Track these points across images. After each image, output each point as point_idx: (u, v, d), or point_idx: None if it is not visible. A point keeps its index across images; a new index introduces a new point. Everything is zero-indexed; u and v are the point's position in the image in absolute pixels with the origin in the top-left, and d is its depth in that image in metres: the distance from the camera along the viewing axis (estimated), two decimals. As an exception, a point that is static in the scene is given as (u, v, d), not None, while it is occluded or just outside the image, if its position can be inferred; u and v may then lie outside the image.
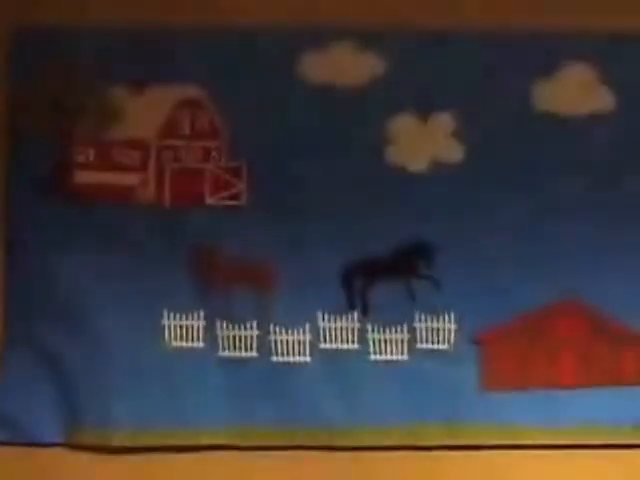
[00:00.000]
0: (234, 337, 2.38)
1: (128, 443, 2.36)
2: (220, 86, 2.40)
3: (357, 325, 2.40)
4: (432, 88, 2.42)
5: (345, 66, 2.41)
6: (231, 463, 2.38)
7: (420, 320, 2.39)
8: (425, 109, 2.42)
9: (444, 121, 2.42)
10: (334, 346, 2.39)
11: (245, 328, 2.38)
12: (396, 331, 2.39)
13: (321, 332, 2.39)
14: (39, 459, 2.37)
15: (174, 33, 2.40)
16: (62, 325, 2.36)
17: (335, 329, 2.39)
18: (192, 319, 2.38)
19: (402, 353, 2.39)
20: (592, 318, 2.41)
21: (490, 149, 2.41)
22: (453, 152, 2.42)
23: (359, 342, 2.39)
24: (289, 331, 2.38)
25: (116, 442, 2.36)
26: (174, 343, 2.38)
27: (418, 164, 2.42)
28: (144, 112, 2.40)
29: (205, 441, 2.36)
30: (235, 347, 2.38)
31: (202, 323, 2.38)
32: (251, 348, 2.38)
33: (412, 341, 2.40)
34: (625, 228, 2.40)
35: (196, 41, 2.40)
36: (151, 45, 2.40)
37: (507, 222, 2.39)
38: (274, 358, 2.38)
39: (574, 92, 2.41)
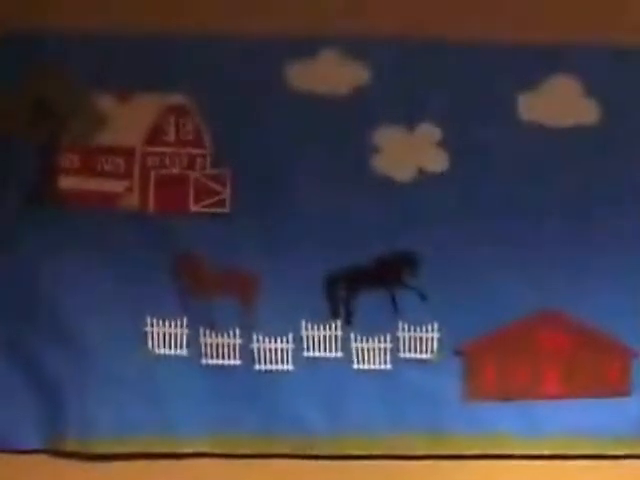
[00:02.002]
0: (217, 345, 2.38)
1: (111, 450, 2.35)
2: (206, 93, 2.39)
3: (340, 334, 2.39)
4: (418, 98, 2.42)
5: (331, 75, 2.41)
6: (214, 471, 2.37)
7: (403, 329, 2.39)
8: (411, 119, 2.42)
9: (430, 131, 2.43)
10: (317, 354, 2.39)
11: (228, 336, 2.38)
12: (379, 340, 2.39)
13: (304, 340, 2.39)
14: (20, 466, 2.35)
15: (161, 41, 2.39)
16: (45, 331, 2.35)
17: (318, 338, 2.39)
18: (175, 326, 2.38)
19: (385, 362, 2.39)
20: (576, 329, 2.41)
21: (475, 159, 2.41)
22: (439, 162, 2.43)
23: (342, 351, 2.39)
24: (272, 339, 2.38)
25: (98, 449, 2.35)
26: (157, 350, 2.38)
27: (404, 173, 2.43)
28: (130, 119, 2.40)
29: (188, 449, 2.36)
30: (218, 355, 2.38)
31: (185, 330, 2.38)
32: (234, 356, 2.38)
33: (395, 350, 2.39)
34: (609, 239, 2.40)
35: (183, 49, 2.39)
36: (138, 53, 2.39)
37: (492, 232, 2.40)
38: (257, 366, 2.38)
39: (559, 104, 2.42)
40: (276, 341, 2.38)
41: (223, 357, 2.38)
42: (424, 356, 2.40)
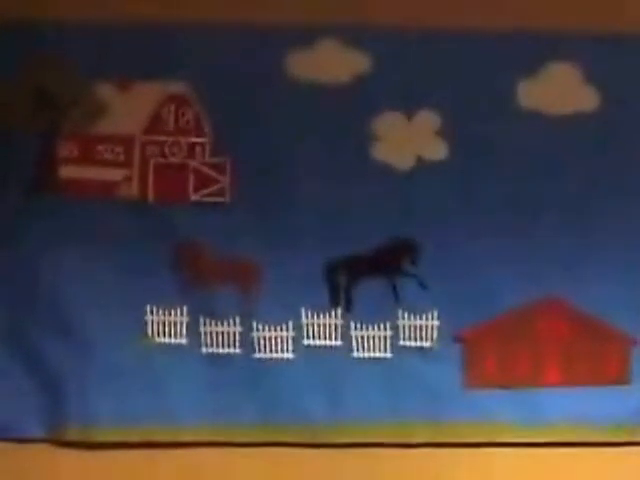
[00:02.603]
0: (217, 333, 2.38)
1: (111, 439, 2.35)
2: (205, 82, 2.39)
3: (340, 322, 2.40)
4: (417, 86, 2.42)
5: (331, 64, 2.41)
6: (214, 459, 2.38)
7: (403, 317, 2.40)
8: (410, 107, 2.42)
9: (429, 119, 2.43)
10: (317, 343, 2.39)
11: (228, 324, 2.38)
12: (379, 328, 2.39)
13: (304, 329, 2.39)
14: (22, 455, 2.36)
15: (161, 30, 2.39)
16: (46, 320, 2.35)
17: (318, 326, 2.39)
18: (175, 315, 2.38)
19: (385, 350, 2.39)
20: (575, 317, 2.41)
21: (475, 147, 2.41)
22: (438, 150, 2.43)
23: (342, 339, 2.40)
24: (272, 327, 2.38)
25: (99, 438, 2.35)
26: (157, 339, 2.38)
27: (403, 162, 2.43)
28: (130, 108, 2.40)
29: (188, 437, 2.36)
30: (218, 343, 2.38)
31: (185, 319, 2.38)
32: (234, 344, 2.38)
33: (395, 338, 2.40)
34: (608, 227, 2.41)
35: (183, 38, 2.39)
36: (138, 41, 2.39)
37: (491, 221, 2.40)
38: (257, 354, 2.38)
39: (558, 91, 2.42)
40: (276, 329, 2.38)
41: (223, 346, 2.38)
42: (424, 344, 2.40)
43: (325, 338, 2.40)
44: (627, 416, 2.39)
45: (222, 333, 2.38)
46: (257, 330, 2.38)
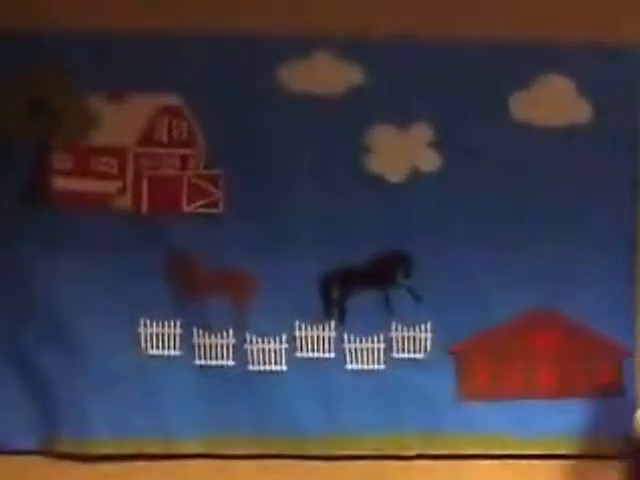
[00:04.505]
0: (211, 345, 2.38)
1: (104, 451, 2.35)
2: (199, 94, 2.39)
3: (334, 334, 2.40)
4: (411, 98, 2.42)
5: (325, 75, 2.41)
6: (207, 471, 2.38)
7: (397, 329, 2.40)
8: (404, 119, 2.43)
9: (423, 131, 2.43)
10: (311, 355, 2.40)
11: (222, 337, 2.38)
12: (372, 340, 2.40)
13: (298, 341, 2.39)
14: (14, 466, 2.35)
15: (155, 41, 2.39)
16: (39, 332, 2.35)
17: (312, 338, 2.39)
18: (169, 327, 2.38)
19: (378, 362, 2.40)
20: (568, 329, 2.41)
21: (468, 159, 2.41)
22: (431, 162, 2.43)
23: (336, 351, 2.40)
24: (266, 340, 2.38)
25: (93, 450, 2.36)
26: (151, 351, 2.38)
27: (397, 174, 2.43)
28: (123, 119, 2.40)
29: (182, 449, 2.37)
30: (212, 356, 2.38)
31: (179, 331, 2.38)
32: (228, 357, 2.38)
33: (388, 350, 2.40)
34: (601, 239, 2.41)
35: (176, 49, 2.39)
36: (132, 53, 2.39)
37: (485, 233, 2.40)
38: (251, 367, 2.38)
39: (551, 103, 2.42)
40: (269, 341, 2.38)
41: (216, 358, 2.38)
42: (417, 356, 2.40)
43: (318, 350, 2.40)
44: (621, 427, 2.39)
45: (215, 345, 2.38)
46: (250, 342, 2.38)
